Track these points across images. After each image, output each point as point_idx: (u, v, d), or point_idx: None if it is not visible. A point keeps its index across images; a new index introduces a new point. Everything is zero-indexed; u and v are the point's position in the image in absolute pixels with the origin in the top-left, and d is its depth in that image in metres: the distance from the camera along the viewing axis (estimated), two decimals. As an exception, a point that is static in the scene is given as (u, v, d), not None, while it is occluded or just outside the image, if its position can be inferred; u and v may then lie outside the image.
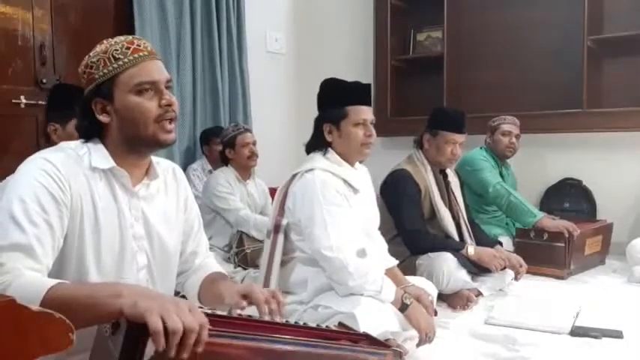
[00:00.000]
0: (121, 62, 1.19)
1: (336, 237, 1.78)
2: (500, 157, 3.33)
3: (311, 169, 1.88)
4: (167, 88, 1.24)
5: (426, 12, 4.26)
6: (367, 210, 2.03)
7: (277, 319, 1.18)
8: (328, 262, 1.78)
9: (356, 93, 1.94)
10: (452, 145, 2.59)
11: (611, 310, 2.34)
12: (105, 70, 1.19)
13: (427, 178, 2.61)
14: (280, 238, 1.90)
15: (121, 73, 1.19)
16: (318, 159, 1.93)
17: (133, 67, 1.19)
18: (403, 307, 1.79)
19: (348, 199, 1.90)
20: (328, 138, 1.93)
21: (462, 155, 2.72)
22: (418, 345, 1.82)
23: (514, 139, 3.30)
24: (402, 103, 4.37)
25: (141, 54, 1.21)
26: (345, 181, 1.90)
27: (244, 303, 1.21)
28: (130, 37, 1.24)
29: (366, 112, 1.93)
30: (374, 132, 1.95)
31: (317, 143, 1.97)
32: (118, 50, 1.19)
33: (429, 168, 2.64)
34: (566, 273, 2.94)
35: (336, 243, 1.77)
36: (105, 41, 1.24)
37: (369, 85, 1.99)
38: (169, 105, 1.22)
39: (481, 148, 3.36)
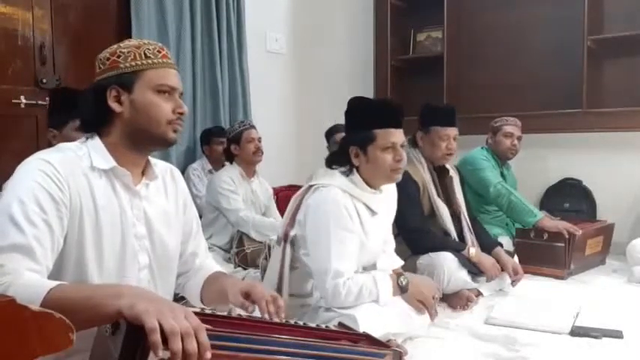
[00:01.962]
0: (151, 61, 1.25)
1: (336, 263, 1.75)
2: (501, 158, 3.33)
3: (328, 185, 1.82)
4: (179, 98, 1.31)
5: (426, 12, 4.26)
6: (383, 231, 2.01)
7: (276, 320, 1.18)
8: (323, 288, 1.77)
9: (385, 115, 1.84)
10: (446, 140, 2.58)
11: (611, 310, 2.34)
12: (133, 63, 1.24)
13: (424, 176, 2.62)
14: (288, 248, 1.89)
15: (148, 69, 1.25)
16: (338, 177, 1.86)
17: (160, 68, 1.26)
18: (403, 290, 1.79)
19: (364, 223, 1.86)
20: (355, 162, 1.85)
21: (457, 149, 2.68)
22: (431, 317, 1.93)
23: (516, 141, 3.29)
24: (402, 103, 4.36)
25: (168, 61, 1.29)
26: (364, 204, 1.86)
27: (251, 307, 1.21)
28: (160, 44, 1.32)
29: (396, 135, 1.82)
30: (404, 156, 1.85)
31: (339, 161, 1.90)
32: (150, 50, 1.26)
33: (425, 166, 2.64)
34: (566, 273, 2.94)
35: (335, 268, 1.74)
36: (135, 40, 1.31)
37: (399, 106, 1.90)
38: (182, 113, 1.28)
39: (482, 148, 3.36)
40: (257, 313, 1.23)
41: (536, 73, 3.81)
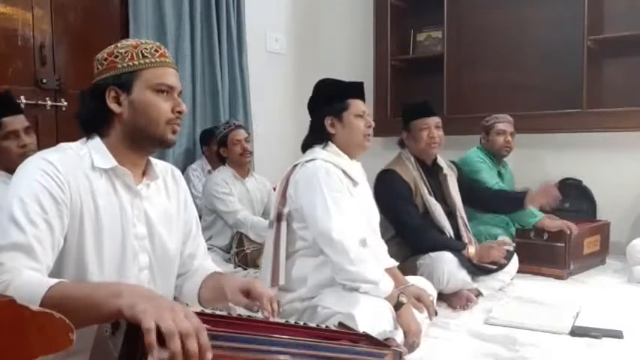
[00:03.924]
0: (148, 60, 1.25)
1: (339, 221, 1.80)
2: (496, 156, 3.32)
3: (312, 160, 1.91)
4: (178, 97, 1.31)
5: (426, 12, 4.26)
6: (367, 202, 2.06)
7: (272, 319, 1.18)
8: (330, 245, 1.79)
9: (353, 88, 2.03)
10: (425, 129, 2.61)
11: (611, 310, 2.34)
12: (131, 63, 1.24)
13: (415, 175, 2.62)
14: (283, 226, 1.92)
15: (146, 69, 1.24)
16: (318, 151, 1.96)
17: (158, 67, 1.26)
18: (398, 305, 1.78)
19: (349, 190, 1.92)
20: (331, 130, 1.98)
21: (444, 139, 2.69)
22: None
23: (509, 138, 3.27)
24: (402, 103, 4.37)
25: (166, 60, 1.28)
26: (345, 173, 1.93)
27: (256, 307, 1.22)
28: (158, 43, 1.32)
29: (364, 106, 2.03)
30: (373, 123, 2.03)
31: (315, 139, 2.00)
32: (147, 49, 1.26)
33: (415, 164, 2.65)
34: (566, 273, 2.94)
35: (339, 226, 1.79)
36: (133, 40, 1.31)
37: (362, 83, 2.08)
38: (181, 112, 1.28)
39: (477, 148, 3.34)
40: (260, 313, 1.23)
41: (536, 73, 3.81)
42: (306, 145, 2.03)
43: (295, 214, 1.91)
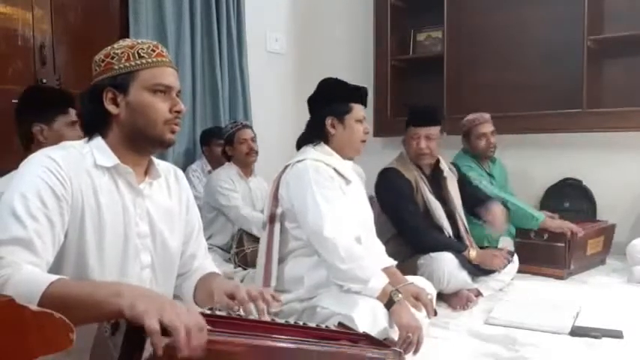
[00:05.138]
0: (144, 60, 1.24)
1: (329, 219, 1.80)
2: (482, 158, 3.26)
3: (302, 160, 1.92)
4: (177, 97, 1.30)
5: (426, 12, 4.25)
6: (361, 201, 2.06)
7: (264, 318, 1.18)
8: (322, 243, 1.80)
9: (358, 93, 2.04)
10: (416, 139, 2.59)
11: (611, 310, 2.34)
12: (127, 64, 1.23)
13: (415, 174, 2.63)
14: (277, 227, 1.93)
15: (142, 70, 1.24)
16: (309, 151, 1.98)
17: (154, 67, 1.25)
18: (389, 304, 1.74)
19: (342, 188, 1.93)
20: (331, 131, 1.99)
21: (436, 148, 2.62)
22: (400, 346, 1.67)
23: (491, 138, 3.18)
24: (403, 103, 4.37)
25: (163, 59, 1.27)
26: (337, 171, 1.93)
27: (236, 307, 1.21)
28: (155, 42, 1.31)
29: (364, 112, 2.05)
30: (369, 130, 2.08)
31: (312, 136, 2.01)
32: (144, 49, 1.25)
33: (414, 165, 2.65)
34: (566, 273, 2.94)
35: (329, 225, 1.79)
36: (130, 40, 1.30)
37: (367, 89, 2.10)
38: (179, 112, 1.27)
39: (462, 153, 3.28)
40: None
41: (536, 73, 3.80)
42: (301, 142, 2.05)
43: (288, 213, 1.92)
